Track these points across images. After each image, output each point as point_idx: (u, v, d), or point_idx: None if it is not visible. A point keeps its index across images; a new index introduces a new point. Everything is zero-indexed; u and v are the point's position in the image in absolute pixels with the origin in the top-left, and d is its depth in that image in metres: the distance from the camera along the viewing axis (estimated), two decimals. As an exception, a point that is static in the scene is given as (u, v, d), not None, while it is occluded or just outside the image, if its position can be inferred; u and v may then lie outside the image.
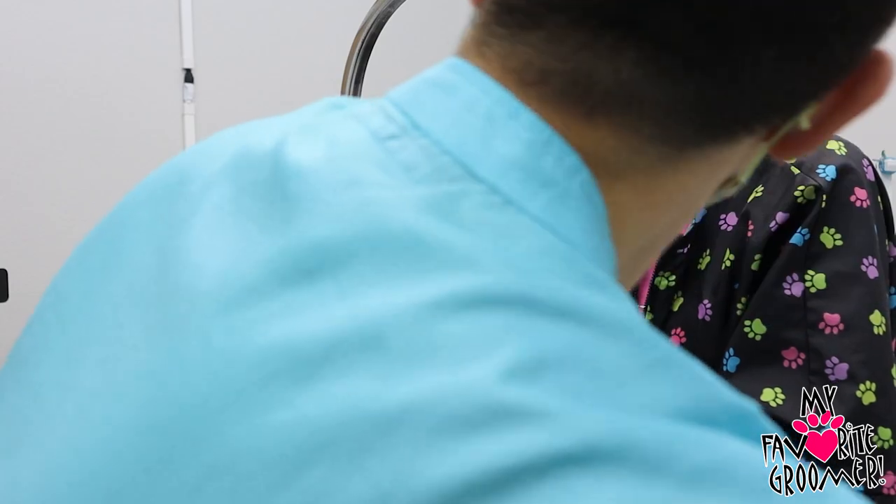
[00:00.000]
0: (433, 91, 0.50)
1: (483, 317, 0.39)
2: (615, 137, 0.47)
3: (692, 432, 0.43)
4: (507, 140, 0.46)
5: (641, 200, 0.50)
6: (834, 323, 1.31)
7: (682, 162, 0.50)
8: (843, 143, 1.38)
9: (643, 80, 0.46)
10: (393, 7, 1.85)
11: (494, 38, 0.49)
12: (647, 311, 1.45)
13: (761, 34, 0.46)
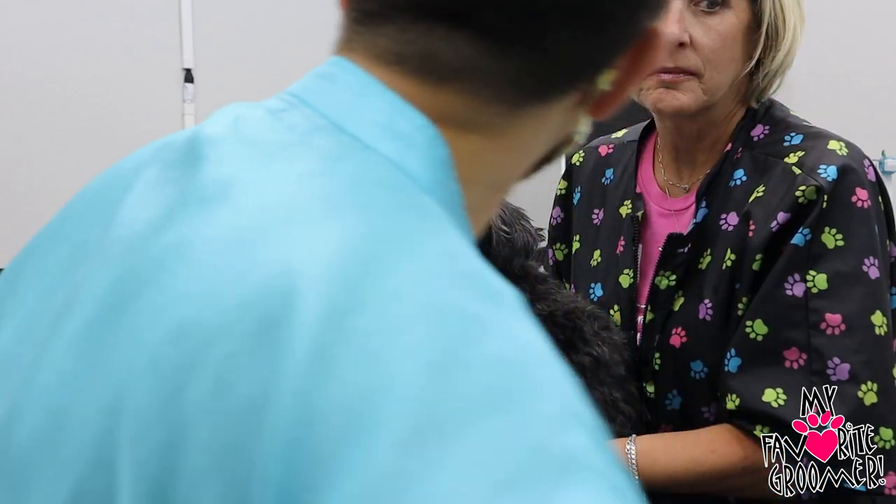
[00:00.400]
0: (318, 80, 0.65)
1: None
2: (460, 100, 0.62)
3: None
4: (371, 110, 0.61)
5: (489, 147, 0.65)
6: (835, 323, 1.31)
7: (516, 118, 0.65)
8: (845, 143, 1.38)
9: (476, 56, 0.61)
10: (393, 7, 1.85)
11: (359, 36, 0.64)
12: (647, 311, 1.44)
13: (559, 16, 0.61)
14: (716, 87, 1.38)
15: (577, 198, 1.63)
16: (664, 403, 1.44)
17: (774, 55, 1.38)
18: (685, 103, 1.38)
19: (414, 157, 0.61)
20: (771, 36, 1.37)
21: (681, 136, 1.48)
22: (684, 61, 1.37)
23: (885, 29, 3.39)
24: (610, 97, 0.68)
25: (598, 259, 1.55)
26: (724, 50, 1.37)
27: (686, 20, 1.37)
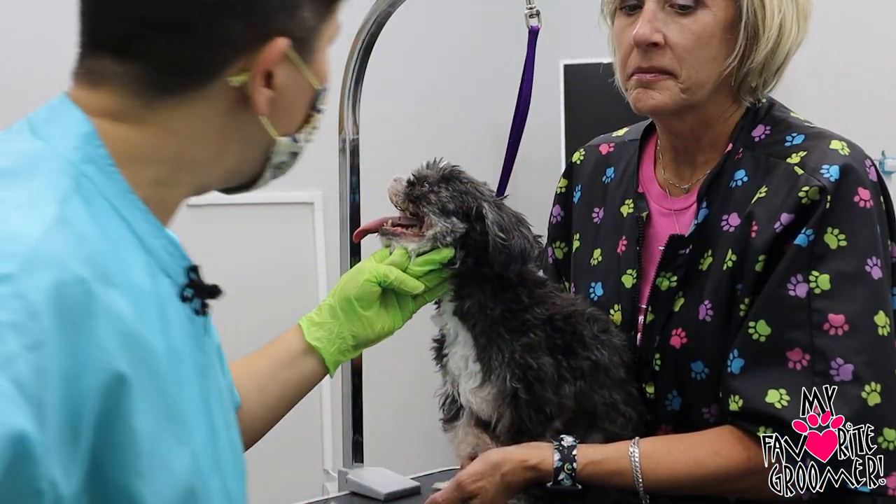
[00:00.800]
0: (44, 108, 0.92)
1: None
2: (113, 99, 0.90)
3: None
4: (56, 120, 0.90)
5: (142, 132, 0.90)
6: (838, 324, 1.30)
7: (156, 110, 0.90)
8: (846, 143, 1.38)
9: (115, 66, 0.89)
10: (393, 7, 1.84)
11: (89, 63, 0.91)
12: (648, 311, 1.44)
13: (153, 29, 0.88)
14: (694, 86, 1.38)
15: (578, 196, 1.62)
16: (664, 404, 1.44)
17: (755, 52, 1.37)
18: (661, 102, 1.39)
19: (60, 134, 0.88)
20: (750, 33, 1.36)
21: (675, 135, 1.48)
22: (658, 61, 1.38)
23: (886, 28, 3.38)
24: (258, 97, 0.91)
25: (598, 258, 1.55)
26: (699, 49, 1.37)
27: (660, 21, 1.38)
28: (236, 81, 0.90)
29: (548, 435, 1.40)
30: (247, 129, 0.94)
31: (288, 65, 0.93)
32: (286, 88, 0.94)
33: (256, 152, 0.98)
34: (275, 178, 1.03)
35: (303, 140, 1.01)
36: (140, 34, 0.88)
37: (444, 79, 4.02)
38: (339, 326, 1.36)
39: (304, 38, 0.93)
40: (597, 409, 1.40)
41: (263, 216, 3.60)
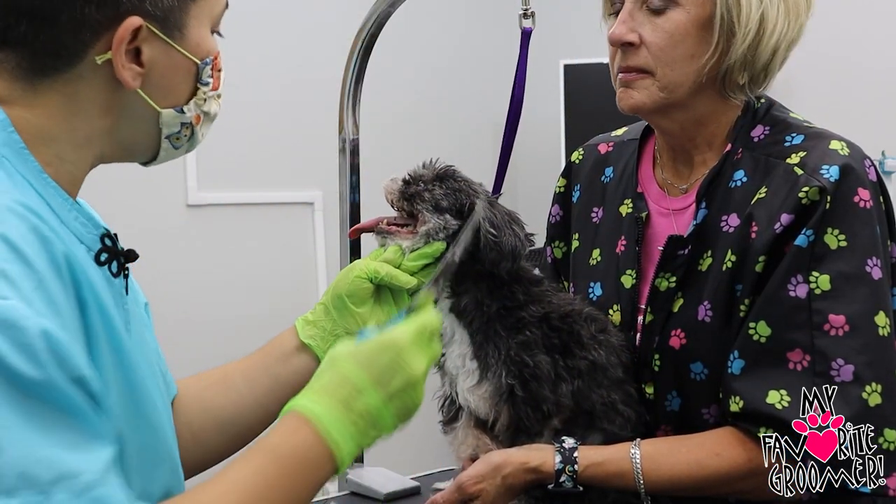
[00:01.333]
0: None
1: None
2: (2, 85, 0.99)
3: None
4: None
5: (32, 113, 1.00)
6: (839, 324, 1.30)
7: (38, 91, 1.00)
8: (846, 143, 1.38)
9: (8, 52, 0.99)
10: (393, 7, 1.85)
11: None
12: (647, 312, 1.44)
13: (17, 17, 0.97)
14: (671, 84, 1.38)
15: (577, 196, 1.62)
16: (664, 405, 1.44)
17: (732, 48, 1.36)
18: (639, 101, 1.40)
19: None
20: (726, 29, 1.35)
21: (668, 134, 1.48)
22: (635, 60, 1.39)
23: (886, 28, 3.38)
24: (123, 73, 1.00)
25: (597, 258, 1.55)
26: (672, 47, 1.37)
27: (637, 21, 1.39)
28: (100, 60, 1.00)
29: (546, 434, 1.40)
30: (129, 103, 1.04)
31: (155, 41, 1.03)
32: (157, 64, 1.03)
33: (146, 125, 1.07)
34: (179, 151, 1.12)
35: (192, 111, 1.09)
36: (9, 23, 0.99)
37: (444, 78, 4.02)
38: (333, 324, 1.36)
39: (163, 16, 1.02)
40: (595, 409, 1.41)
41: (263, 216, 3.60)
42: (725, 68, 1.37)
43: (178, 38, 1.05)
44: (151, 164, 1.13)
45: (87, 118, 1.03)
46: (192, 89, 1.09)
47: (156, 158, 1.12)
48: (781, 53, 1.38)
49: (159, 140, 1.09)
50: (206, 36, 1.08)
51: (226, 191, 3.46)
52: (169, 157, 1.12)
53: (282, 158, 3.56)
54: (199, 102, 1.10)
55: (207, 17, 1.08)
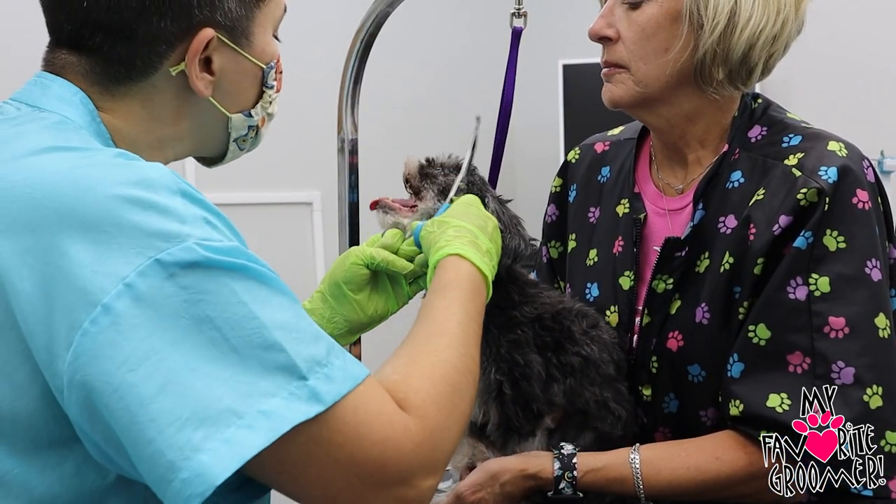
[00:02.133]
0: (28, 86, 1.06)
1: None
2: (80, 83, 1.04)
3: None
4: (46, 91, 1.04)
5: (113, 118, 1.05)
6: (839, 326, 1.30)
7: (116, 96, 1.05)
8: (844, 143, 1.37)
9: (73, 59, 1.05)
10: (392, 7, 1.84)
11: (50, 55, 1.07)
12: (644, 314, 1.43)
13: (95, 31, 1.02)
14: (647, 78, 1.38)
15: (573, 195, 1.62)
16: (661, 407, 1.43)
17: (700, 42, 1.35)
18: (617, 95, 1.41)
19: (74, 112, 1.03)
20: (695, 22, 1.35)
21: (657, 131, 1.48)
22: (612, 55, 1.40)
23: (885, 28, 3.39)
24: (197, 82, 1.05)
25: (594, 258, 1.55)
26: (645, 41, 1.37)
27: (615, 16, 1.39)
28: (174, 71, 1.05)
29: (539, 434, 1.40)
30: (201, 109, 1.09)
31: (225, 50, 1.07)
32: (227, 71, 1.08)
33: (216, 129, 1.12)
34: (244, 151, 1.17)
35: (258, 115, 1.15)
36: (84, 33, 1.03)
37: (443, 78, 4.02)
38: (331, 311, 1.36)
39: (232, 25, 1.06)
40: (589, 407, 1.40)
41: (263, 216, 3.60)
42: (697, 62, 1.36)
43: (246, 46, 1.09)
44: (217, 164, 1.18)
45: (161, 124, 1.08)
46: (258, 93, 1.13)
47: (222, 160, 1.17)
48: (761, 48, 1.36)
49: (227, 142, 1.14)
50: (269, 41, 1.12)
51: (224, 191, 3.45)
52: (234, 157, 1.18)
53: (280, 158, 3.56)
54: (265, 105, 1.15)
55: (270, 22, 1.12)
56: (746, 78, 1.38)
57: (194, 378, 0.85)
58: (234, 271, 0.90)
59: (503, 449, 1.42)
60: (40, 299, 0.88)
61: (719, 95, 1.40)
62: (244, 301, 0.89)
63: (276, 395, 0.87)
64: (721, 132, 1.44)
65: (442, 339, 1.05)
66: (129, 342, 0.85)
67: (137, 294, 0.86)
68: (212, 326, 0.87)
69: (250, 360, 0.87)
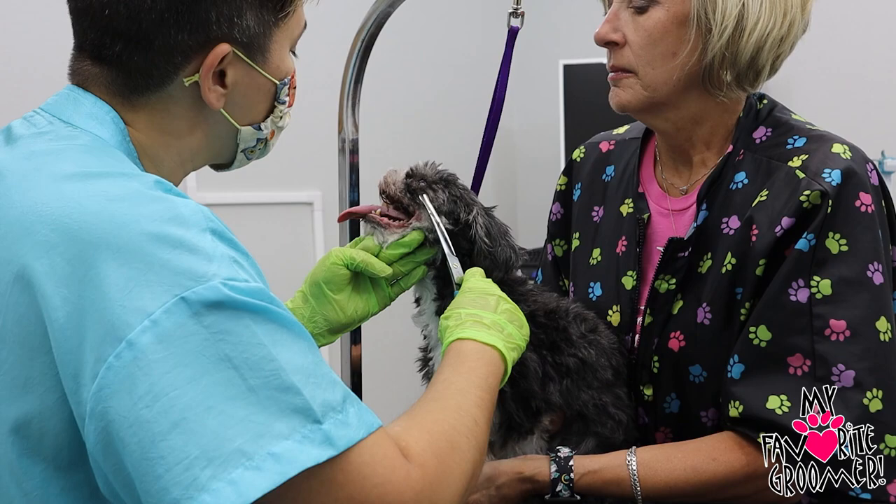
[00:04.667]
0: (57, 98, 1.08)
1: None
2: (102, 95, 1.07)
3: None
4: (79, 108, 1.06)
5: (133, 129, 1.07)
6: (840, 329, 1.29)
7: (135, 108, 1.07)
8: (848, 146, 1.37)
9: (98, 67, 1.07)
10: (393, 7, 1.84)
11: (76, 64, 1.09)
12: (646, 314, 1.43)
13: (113, 39, 1.04)
14: (655, 83, 1.38)
15: (577, 194, 1.62)
16: (662, 407, 1.43)
17: (709, 45, 1.35)
18: (625, 100, 1.41)
19: (106, 130, 1.05)
20: (703, 26, 1.34)
21: (663, 134, 1.48)
22: (619, 60, 1.40)
23: (885, 28, 3.38)
24: (209, 94, 1.07)
25: (597, 258, 1.54)
26: (652, 46, 1.37)
27: (621, 20, 1.39)
28: (188, 81, 1.06)
29: (537, 433, 1.40)
30: (213, 121, 1.11)
31: (240, 64, 1.08)
32: (240, 85, 1.09)
33: (225, 140, 1.14)
34: (251, 160, 1.20)
35: (268, 128, 1.16)
36: (105, 41, 1.05)
37: (444, 79, 4.02)
38: (311, 311, 1.37)
39: (249, 42, 1.08)
40: (588, 411, 1.40)
41: (263, 216, 3.60)
42: (706, 66, 1.36)
43: (261, 62, 1.10)
44: (225, 170, 1.20)
45: (178, 135, 1.10)
46: (269, 107, 1.15)
47: (229, 167, 1.20)
48: (769, 50, 1.36)
49: (236, 152, 1.16)
50: (285, 57, 1.13)
51: (225, 191, 3.45)
52: (242, 165, 1.20)
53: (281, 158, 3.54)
54: (276, 120, 1.16)
55: (288, 39, 1.13)
56: (754, 80, 1.38)
57: (209, 416, 0.87)
58: (256, 313, 0.91)
59: (503, 448, 1.42)
60: (72, 329, 0.90)
61: (726, 98, 1.40)
62: (264, 343, 0.90)
63: (288, 438, 0.88)
64: (726, 133, 1.44)
65: (440, 403, 1.07)
66: (149, 378, 0.87)
67: (161, 331, 0.88)
68: (231, 366, 0.89)
69: (267, 402, 0.89)
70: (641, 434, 1.45)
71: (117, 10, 1.02)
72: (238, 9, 1.05)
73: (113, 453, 0.88)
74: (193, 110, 1.09)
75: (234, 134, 1.13)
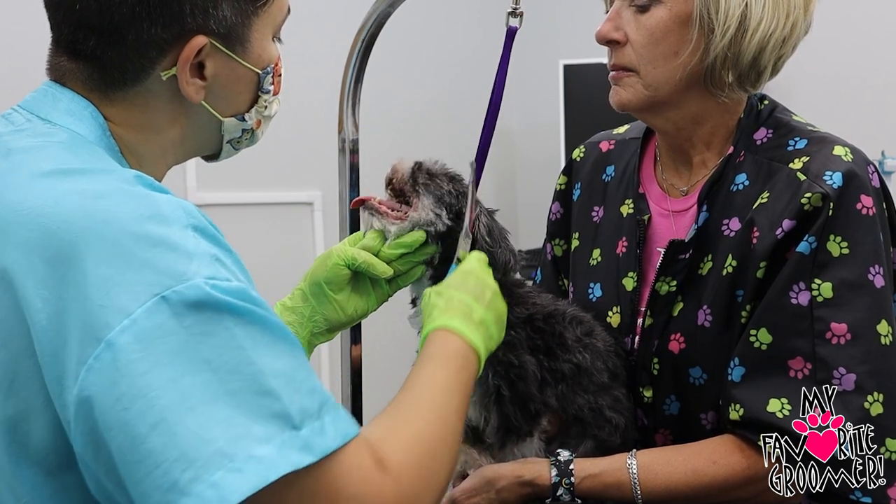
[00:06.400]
0: (35, 95, 1.07)
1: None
2: (80, 90, 1.05)
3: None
4: (56, 104, 1.05)
5: (113, 124, 1.06)
6: (841, 332, 1.29)
7: (113, 102, 1.06)
8: (850, 148, 1.36)
9: (74, 62, 1.05)
10: (393, 7, 1.84)
11: (53, 59, 1.07)
12: (647, 316, 1.43)
13: (86, 33, 1.02)
14: (656, 82, 1.38)
15: (577, 194, 1.61)
16: (662, 409, 1.43)
17: (711, 46, 1.34)
18: (625, 99, 1.40)
19: (84, 126, 1.04)
20: (705, 26, 1.34)
21: (663, 133, 1.48)
22: (620, 59, 1.39)
23: (885, 29, 3.38)
24: (187, 87, 1.05)
25: (597, 258, 1.54)
26: (654, 45, 1.37)
27: (623, 19, 1.38)
28: (165, 75, 1.05)
29: (536, 435, 1.40)
30: (194, 113, 1.09)
31: (218, 55, 1.06)
32: (220, 77, 1.07)
33: (209, 132, 1.12)
34: (238, 150, 1.18)
35: (253, 118, 1.14)
36: (78, 36, 1.03)
37: (444, 79, 4.02)
38: (311, 310, 1.37)
39: (226, 32, 1.05)
40: (584, 415, 1.40)
41: (263, 216, 3.60)
42: (708, 66, 1.36)
43: (241, 52, 1.08)
44: (215, 160, 1.19)
45: (159, 129, 1.08)
46: (253, 97, 1.12)
47: (217, 158, 1.18)
48: (771, 50, 1.35)
49: (221, 143, 1.15)
50: (267, 46, 1.11)
51: (225, 191, 3.46)
52: (230, 156, 1.18)
53: (281, 158, 3.56)
54: (261, 109, 1.14)
55: (270, 27, 1.11)
56: (756, 80, 1.38)
57: (188, 417, 0.85)
58: (237, 314, 0.90)
59: (501, 450, 1.42)
60: (54, 332, 0.89)
61: (728, 98, 1.39)
62: (244, 346, 0.89)
63: (268, 442, 0.87)
64: (727, 134, 1.44)
65: (422, 408, 1.04)
66: (127, 379, 0.86)
67: (140, 331, 0.87)
68: (210, 368, 0.87)
69: (245, 405, 0.87)
70: (641, 436, 1.45)
71: (87, 4, 1.01)
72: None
73: (103, 455, 0.87)
74: (173, 104, 1.07)
75: (217, 126, 1.12)
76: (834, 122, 1.60)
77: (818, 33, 1.48)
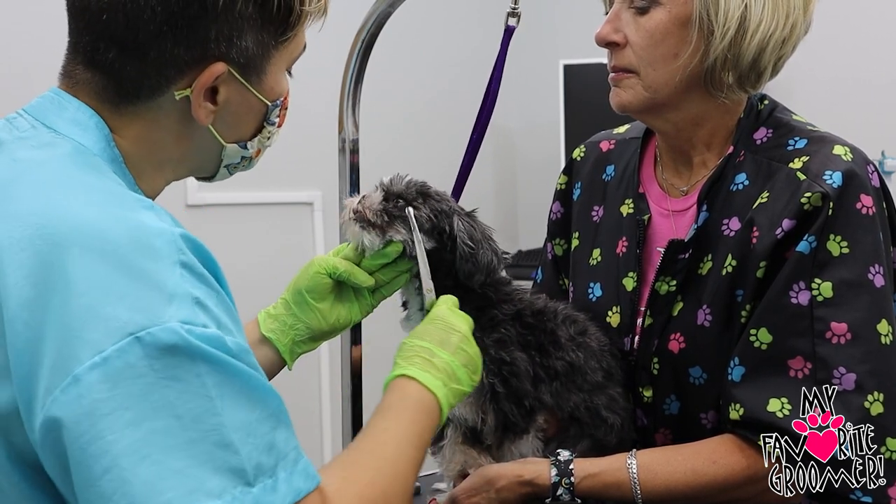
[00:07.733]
0: (41, 101, 1.07)
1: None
2: (90, 100, 1.05)
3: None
4: (62, 112, 1.05)
5: (120, 136, 1.06)
6: (841, 332, 1.29)
7: (123, 115, 1.06)
8: (849, 147, 1.36)
9: (90, 72, 1.05)
10: (393, 7, 1.84)
11: (68, 66, 1.07)
12: (646, 315, 1.43)
13: (107, 46, 1.02)
14: (656, 84, 1.38)
15: (577, 193, 1.61)
16: (662, 408, 1.43)
17: (711, 47, 1.34)
18: (626, 100, 1.40)
19: (89, 136, 1.04)
20: (705, 27, 1.34)
21: (663, 134, 1.48)
22: (620, 60, 1.40)
23: (885, 29, 3.38)
24: (198, 110, 1.06)
25: (597, 258, 1.54)
26: (653, 47, 1.37)
27: (623, 21, 1.39)
28: (178, 95, 1.05)
29: (532, 432, 1.40)
30: (199, 135, 1.10)
31: (233, 83, 1.07)
32: (231, 104, 1.08)
33: (210, 154, 1.13)
34: (231, 175, 1.19)
35: (254, 147, 1.15)
36: (99, 46, 1.03)
37: (444, 79, 4.02)
38: (293, 319, 1.38)
39: (246, 63, 1.06)
40: (580, 413, 1.40)
41: (263, 216, 3.60)
42: (708, 67, 1.36)
43: (255, 83, 1.09)
44: (207, 181, 1.19)
45: (163, 146, 1.09)
46: (258, 127, 1.14)
47: (211, 179, 1.18)
48: (771, 51, 1.35)
49: (219, 167, 1.15)
50: (280, 79, 1.12)
51: (225, 191, 3.45)
52: (223, 179, 1.19)
53: (281, 158, 3.54)
54: (263, 139, 1.16)
55: (286, 61, 1.12)
56: (756, 81, 1.38)
57: (142, 465, 0.85)
58: (209, 362, 0.89)
59: (500, 449, 1.42)
60: (28, 356, 0.88)
61: (727, 99, 1.39)
62: (211, 395, 0.88)
63: (220, 497, 0.86)
64: (727, 134, 1.44)
65: (377, 459, 1.04)
66: (88, 419, 0.85)
67: (109, 370, 0.86)
68: (173, 414, 0.87)
69: (203, 456, 0.87)
70: (641, 436, 1.45)
71: (115, 17, 1.01)
72: (239, 29, 1.04)
73: (70, 479, 0.87)
74: (181, 123, 1.08)
75: (218, 150, 1.12)
76: (834, 122, 1.60)
77: (818, 33, 1.48)
